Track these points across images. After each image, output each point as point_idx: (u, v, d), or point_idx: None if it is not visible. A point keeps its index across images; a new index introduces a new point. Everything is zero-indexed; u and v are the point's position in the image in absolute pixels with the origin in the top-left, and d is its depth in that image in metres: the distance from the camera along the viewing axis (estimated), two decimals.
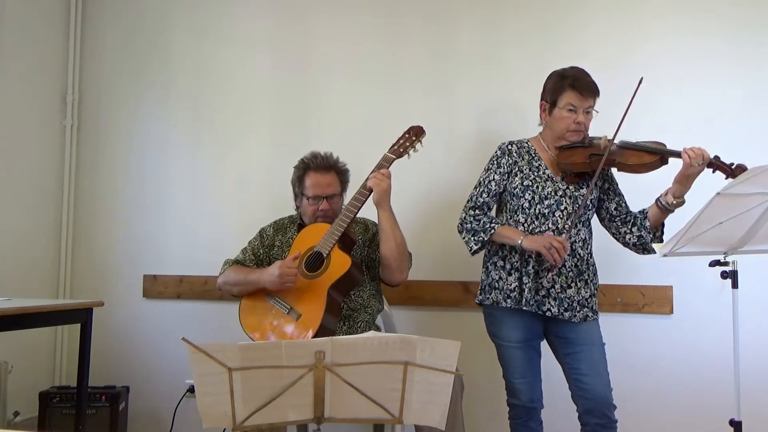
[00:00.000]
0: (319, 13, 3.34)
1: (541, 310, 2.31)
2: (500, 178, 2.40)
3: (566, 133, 2.36)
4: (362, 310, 2.51)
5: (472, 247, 2.37)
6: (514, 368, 2.38)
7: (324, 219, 2.54)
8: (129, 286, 3.45)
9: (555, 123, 2.37)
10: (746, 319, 2.31)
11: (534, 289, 2.31)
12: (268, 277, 2.40)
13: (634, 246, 2.40)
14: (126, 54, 3.57)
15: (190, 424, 3.21)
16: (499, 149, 2.46)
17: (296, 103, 3.33)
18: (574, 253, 2.35)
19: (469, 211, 2.40)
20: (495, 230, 2.33)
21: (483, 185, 2.43)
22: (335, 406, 1.50)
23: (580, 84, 2.33)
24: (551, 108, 2.38)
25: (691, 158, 2.19)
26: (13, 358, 3.11)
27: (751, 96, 2.85)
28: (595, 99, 2.36)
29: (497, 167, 2.42)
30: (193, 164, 3.44)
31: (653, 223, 2.34)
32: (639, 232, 2.37)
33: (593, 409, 2.30)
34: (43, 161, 3.49)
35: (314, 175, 2.56)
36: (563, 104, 2.34)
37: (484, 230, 2.34)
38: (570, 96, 2.33)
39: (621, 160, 2.30)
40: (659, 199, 2.31)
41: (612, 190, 2.46)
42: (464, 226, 2.40)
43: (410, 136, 2.52)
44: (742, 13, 2.88)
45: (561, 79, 2.37)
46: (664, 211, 2.31)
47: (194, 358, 1.44)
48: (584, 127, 2.36)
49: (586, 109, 2.34)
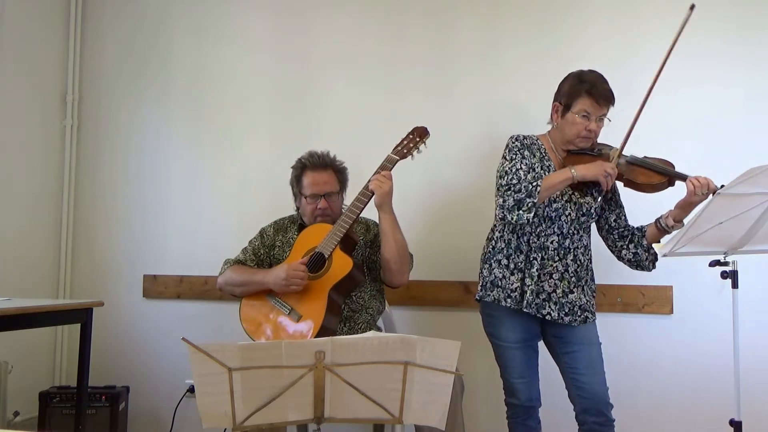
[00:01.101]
0: (319, 13, 3.34)
1: (540, 314, 2.31)
2: (526, 166, 2.31)
3: (576, 138, 2.33)
4: (363, 311, 2.51)
5: (526, 217, 2.20)
6: (512, 368, 2.37)
7: (323, 218, 2.53)
8: (129, 286, 3.45)
9: (567, 127, 2.34)
10: (746, 319, 2.31)
11: (535, 292, 2.31)
12: (274, 279, 2.40)
13: (629, 262, 2.41)
14: (126, 54, 3.57)
15: (190, 424, 3.20)
16: (518, 141, 2.37)
17: (296, 103, 3.33)
18: (576, 259, 2.35)
19: (505, 194, 2.24)
20: (540, 186, 2.21)
21: (511, 173, 2.27)
22: (335, 406, 1.50)
23: (597, 91, 2.28)
24: (564, 111, 2.34)
25: (696, 187, 2.18)
26: (13, 358, 3.11)
27: (751, 96, 2.85)
28: (609, 107, 2.32)
29: (521, 157, 2.33)
30: (193, 164, 3.44)
31: (650, 242, 2.35)
32: (636, 249, 2.37)
33: (590, 408, 2.30)
34: (43, 161, 3.49)
35: (311, 173, 2.56)
36: (577, 109, 2.30)
37: (529, 193, 2.20)
38: (585, 102, 2.29)
39: (629, 177, 2.29)
40: (659, 221, 2.32)
41: (614, 201, 2.45)
42: (506, 207, 2.22)
43: (414, 137, 2.50)
44: (742, 13, 2.88)
45: (579, 83, 2.31)
46: (662, 232, 2.32)
47: (194, 358, 1.44)
48: (595, 135, 2.34)
49: (600, 117, 2.32)
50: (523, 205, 2.21)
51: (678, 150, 2.56)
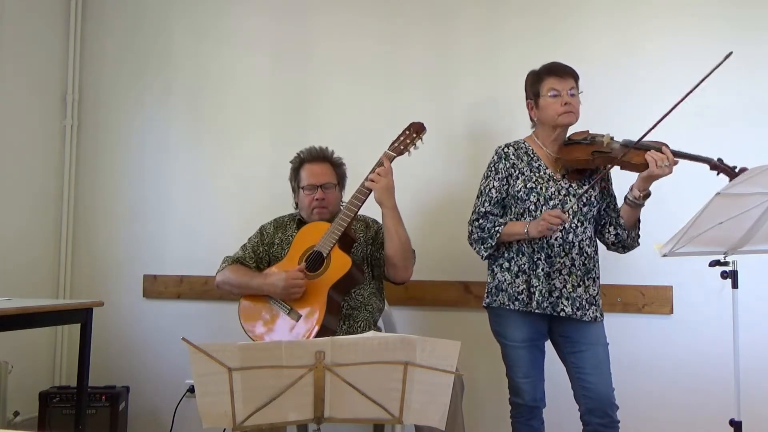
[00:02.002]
0: (319, 13, 3.34)
1: (555, 312, 2.31)
2: (499, 184, 2.40)
3: (558, 117, 2.35)
4: (362, 309, 2.50)
5: (483, 254, 2.38)
6: (518, 368, 2.37)
7: (320, 210, 2.54)
8: (129, 286, 3.45)
9: (544, 112, 2.38)
10: (746, 319, 2.31)
11: (547, 291, 2.31)
12: (271, 288, 2.40)
13: (614, 245, 2.43)
14: (126, 54, 3.57)
15: (190, 424, 3.21)
16: (496, 154, 2.45)
17: (296, 103, 3.33)
18: (582, 252, 2.35)
19: (474, 224, 2.40)
20: (500, 232, 2.33)
21: (484, 194, 2.42)
22: (335, 406, 1.50)
23: (556, 67, 2.37)
24: (536, 100, 2.39)
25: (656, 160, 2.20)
26: (13, 358, 3.10)
27: (751, 96, 2.85)
28: (575, 80, 2.37)
29: (495, 173, 2.41)
30: (193, 164, 3.44)
31: (627, 221, 2.36)
32: (615, 230, 2.39)
33: (596, 409, 2.29)
34: (43, 161, 3.49)
35: (309, 165, 2.58)
36: (545, 91, 2.35)
37: (491, 235, 2.35)
38: (549, 81, 2.35)
39: (625, 159, 2.30)
40: (626, 197, 2.34)
41: (607, 189, 2.46)
42: (472, 238, 2.41)
43: (411, 133, 2.49)
44: (741, 13, 2.88)
45: (536, 72, 2.42)
46: (634, 207, 2.33)
47: (194, 358, 1.44)
48: (574, 108, 2.35)
49: (569, 91, 2.34)
50: (485, 242, 2.37)
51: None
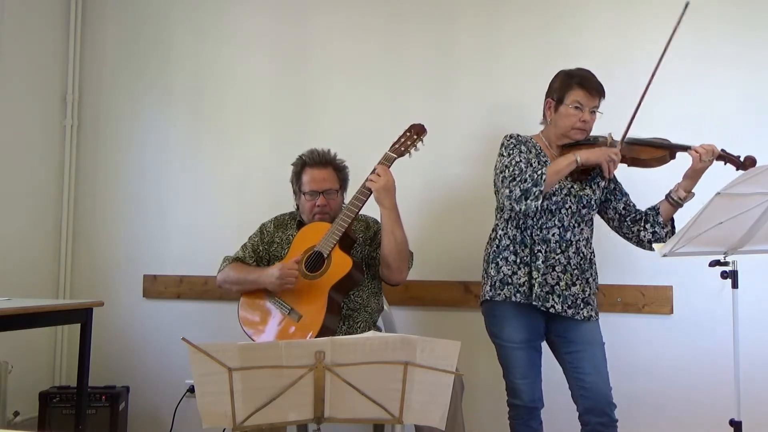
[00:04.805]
0: (319, 13, 3.34)
1: (545, 306, 2.31)
2: (525, 161, 2.35)
3: (571, 130, 2.36)
4: (362, 310, 2.50)
5: (533, 205, 2.22)
6: (516, 369, 2.37)
7: (321, 216, 2.52)
8: (129, 286, 3.45)
9: (560, 120, 2.37)
10: (746, 319, 2.31)
11: (542, 285, 2.31)
12: (268, 278, 2.40)
13: (649, 243, 2.41)
14: (126, 54, 3.57)
15: (190, 424, 3.21)
16: (513, 138, 2.41)
17: (296, 103, 3.33)
18: (578, 252, 2.35)
19: (512, 183, 2.27)
20: (545, 174, 2.23)
21: (511, 166, 2.32)
22: (335, 406, 1.50)
23: (588, 83, 2.34)
24: (557, 105, 2.38)
25: (701, 154, 2.24)
26: (13, 358, 3.10)
27: (751, 96, 2.85)
28: (600, 100, 2.37)
29: (519, 152, 2.36)
30: (193, 164, 3.44)
31: (665, 219, 2.38)
32: (653, 228, 2.39)
33: (594, 408, 2.30)
34: (43, 161, 3.49)
35: (311, 170, 2.56)
36: (570, 101, 2.34)
37: (535, 182, 2.23)
38: (577, 94, 2.34)
39: (633, 155, 2.33)
40: (670, 195, 2.36)
41: (618, 189, 2.48)
42: (514, 197, 2.24)
43: (411, 135, 2.49)
44: (741, 13, 2.88)
45: (569, 77, 2.38)
46: (675, 206, 2.36)
47: (194, 358, 1.44)
48: (589, 127, 2.37)
49: (592, 108, 2.35)
50: (530, 194, 2.23)
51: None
